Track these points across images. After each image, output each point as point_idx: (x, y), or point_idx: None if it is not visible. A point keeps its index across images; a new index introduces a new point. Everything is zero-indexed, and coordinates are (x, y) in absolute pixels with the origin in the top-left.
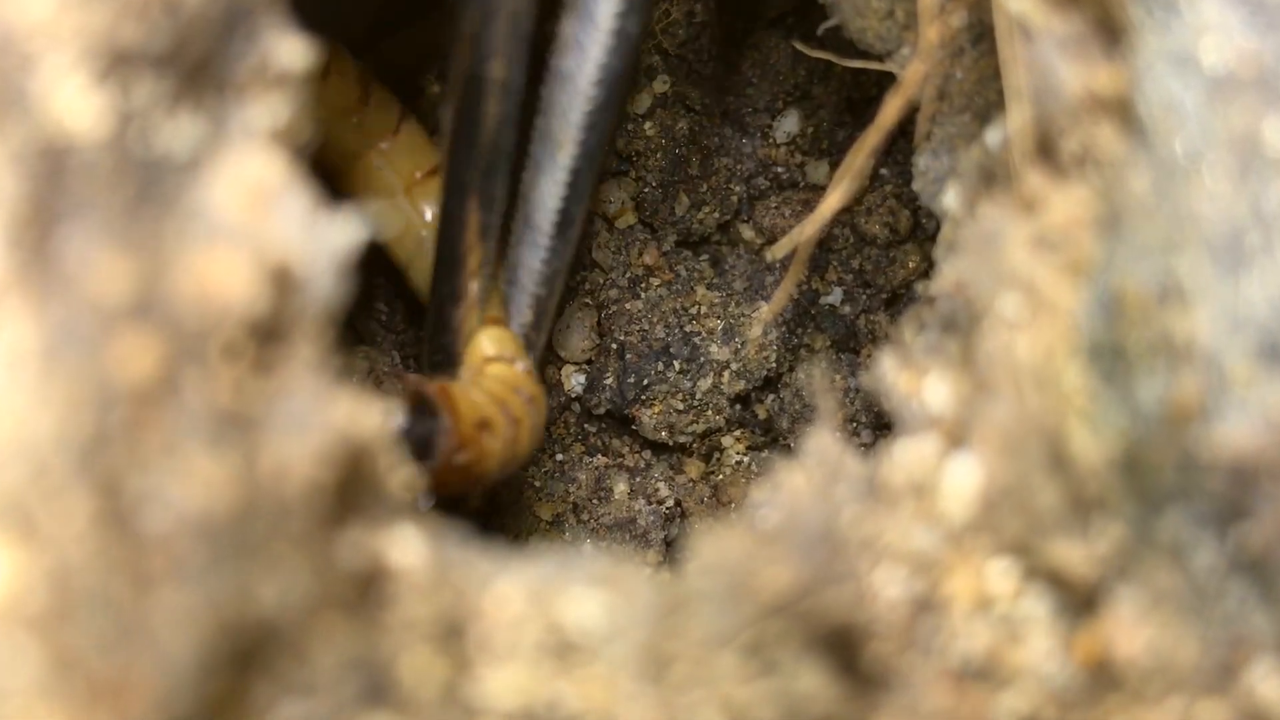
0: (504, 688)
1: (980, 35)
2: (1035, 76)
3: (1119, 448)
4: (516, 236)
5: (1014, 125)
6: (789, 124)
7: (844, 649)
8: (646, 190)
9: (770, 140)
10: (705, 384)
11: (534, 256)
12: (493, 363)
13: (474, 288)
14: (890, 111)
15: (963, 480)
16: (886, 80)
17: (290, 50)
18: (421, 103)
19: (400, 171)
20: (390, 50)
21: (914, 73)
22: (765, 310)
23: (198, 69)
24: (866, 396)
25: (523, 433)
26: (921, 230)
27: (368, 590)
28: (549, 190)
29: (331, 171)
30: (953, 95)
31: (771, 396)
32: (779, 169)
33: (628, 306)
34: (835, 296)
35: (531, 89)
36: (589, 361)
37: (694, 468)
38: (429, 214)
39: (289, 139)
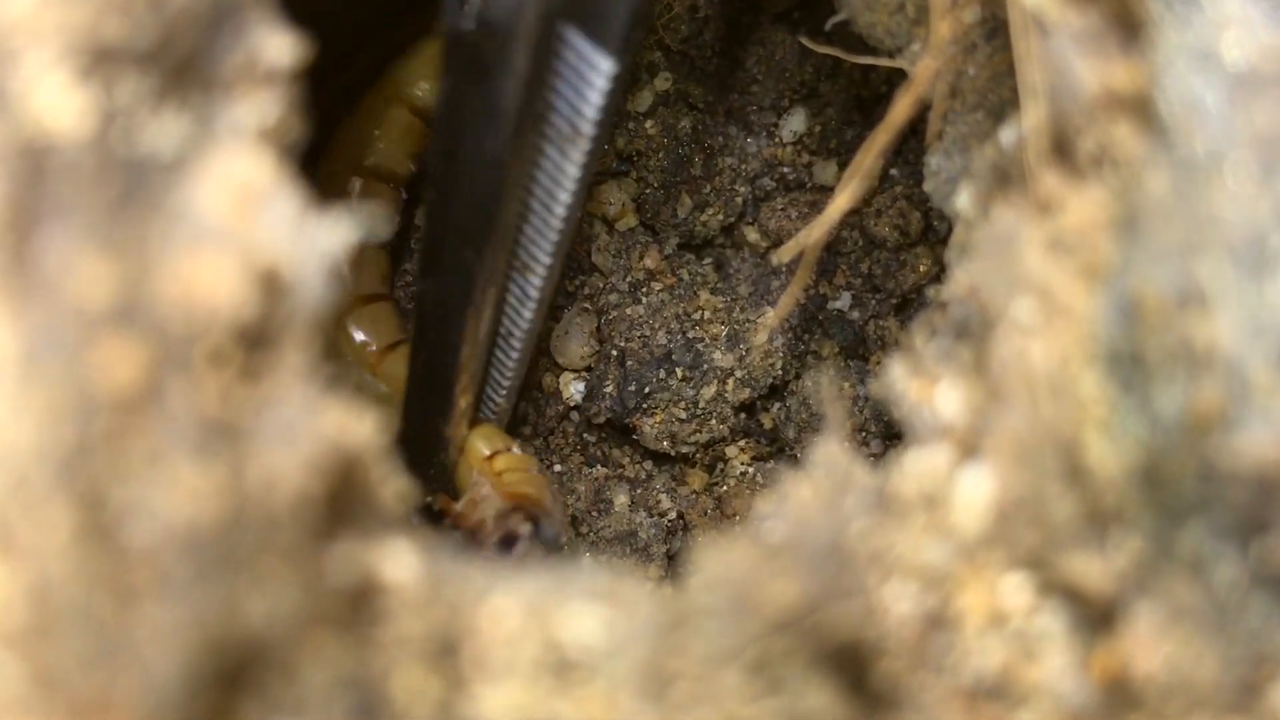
0: (500, 707)
1: (994, 30)
2: (1051, 73)
3: (1137, 458)
4: (488, 344)
5: (1029, 124)
6: (795, 122)
7: (852, 667)
8: (648, 191)
9: (776, 139)
10: (709, 392)
11: (506, 358)
12: (495, 458)
13: (463, 403)
14: (900, 109)
15: (975, 492)
16: (897, 77)
17: (279, 47)
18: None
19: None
20: (376, 50)
21: (925, 69)
22: (771, 316)
23: (183, 66)
24: (876, 405)
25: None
26: (933, 233)
27: (359, 606)
28: (521, 307)
29: None
30: (965, 93)
31: (777, 405)
32: (785, 169)
33: (628, 312)
34: (843, 301)
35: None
36: (588, 369)
37: (697, 479)
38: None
39: (277, 138)
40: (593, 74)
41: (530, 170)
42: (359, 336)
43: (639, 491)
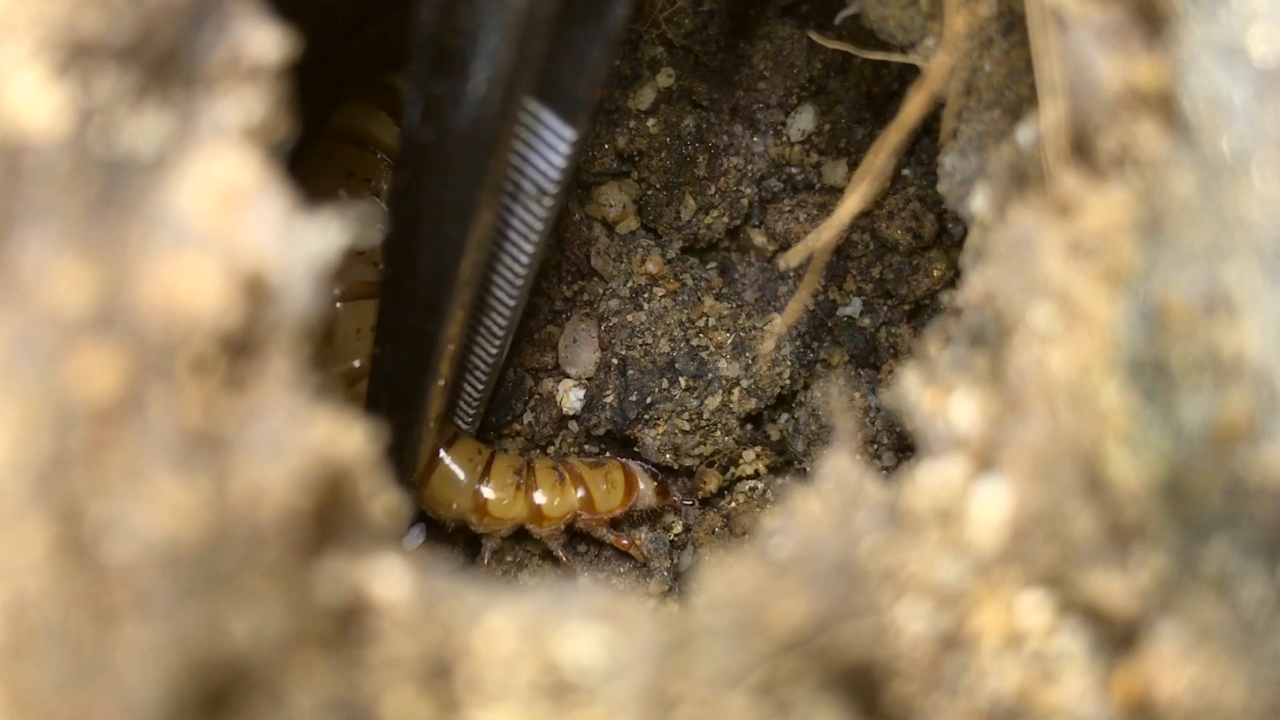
0: None
1: (1011, 25)
2: (1070, 69)
3: (1161, 471)
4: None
5: (1047, 122)
6: (804, 121)
7: (863, 689)
8: (649, 193)
9: (783, 138)
10: (713, 403)
11: (473, 388)
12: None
13: (422, 461)
14: (913, 107)
15: (992, 506)
16: (909, 73)
17: (264, 41)
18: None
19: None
20: (366, 43)
21: (939, 65)
22: (778, 323)
23: (164, 61)
24: (888, 416)
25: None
26: (947, 236)
27: (348, 626)
28: (487, 342)
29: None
30: (981, 90)
31: (785, 416)
32: (793, 169)
33: (629, 319)
34: (854, 308)
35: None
36: (588, 378)
37: (702, 491)
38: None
39: (263, 137)
40: (557, 141)
41: (498, 225)
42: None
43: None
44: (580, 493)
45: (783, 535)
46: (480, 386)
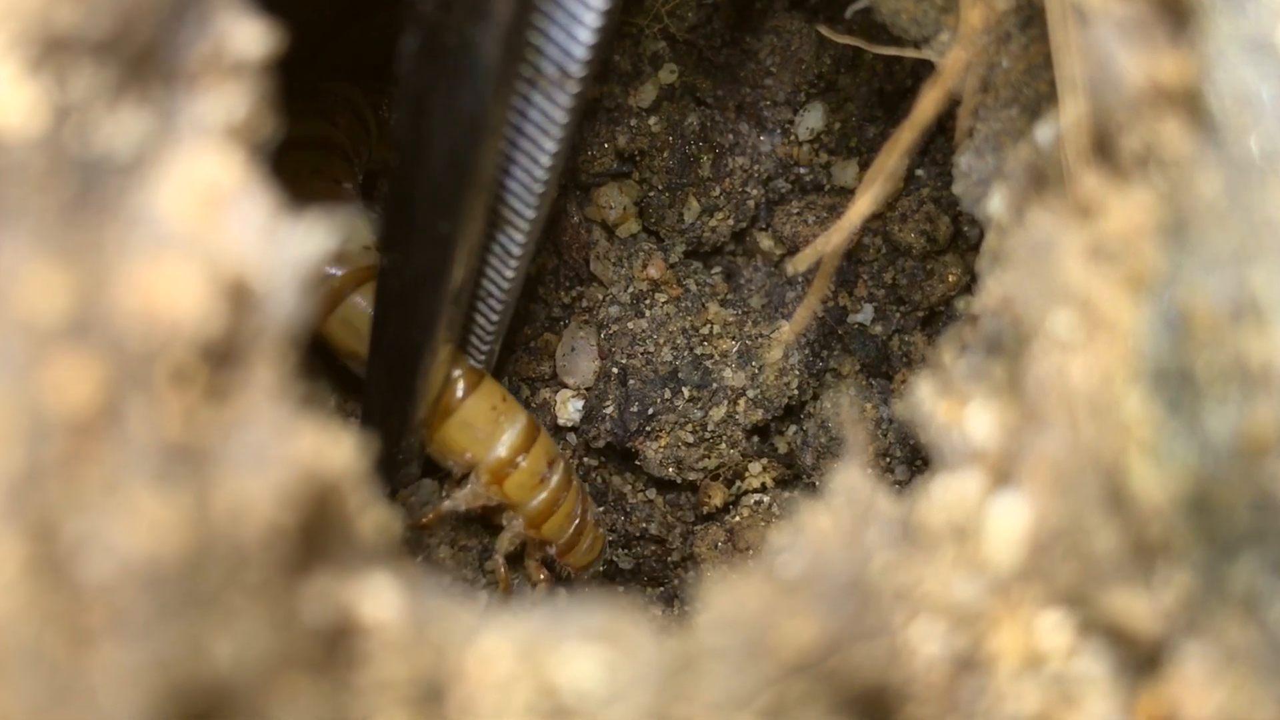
0: None
1: (1029, 18)
2: (1092, 65)
3: (1186, 485)
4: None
5: (1067, 120)
6: (813, 119)
7: (876, 713)
8: (651, 194)
9: (791, 137)
10: (718, 414)
11: (487, 319)
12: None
13: (433, 383)
14: (927, 105)
15: (1009, 522)
16: (923, 69)
17: (247, 36)
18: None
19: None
20: (355, 38)
21: (954, 61)
22: (786, 330)
23: (143, 57)
24: (900, 428)
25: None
26: (963, 239)
27: (336, 647)
28: (503, 265)
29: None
30: (998, 86)
31: (793, 428)
32: (801, 170)
33: (630, 326)
34: (865, 314)
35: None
36: (586, 388)
37: (706, 506)
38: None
39: (246, 136)
40: (582, 10)
41: (513, 120)
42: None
43: None
44: (572, 526)
45: (791, 552)
46: (495, 317)
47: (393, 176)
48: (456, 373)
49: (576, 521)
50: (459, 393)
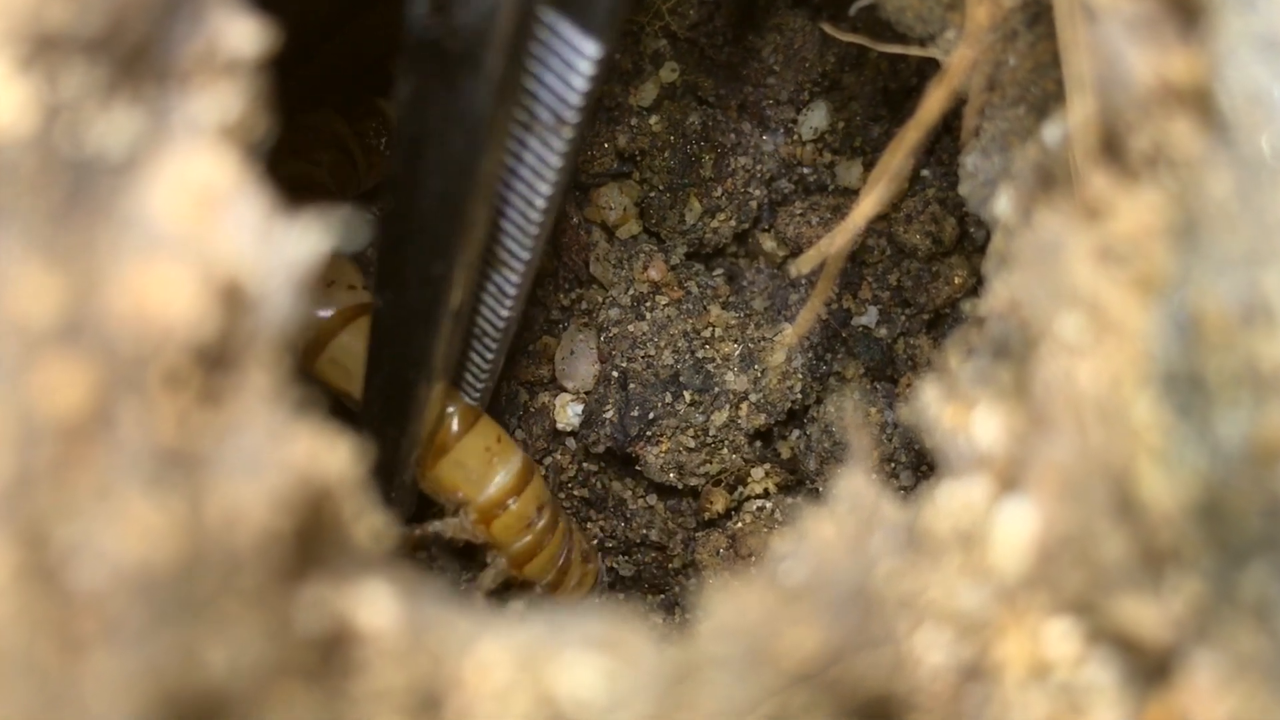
0: None
1: (1037, 16)
2: (1100, 63)
3: (1196, 491)
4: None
5: (1075, 119)
6: (816, 118)
7: None
8: (652, 195)
9: (795, 137)
10: (720, 418)
11: (482, 358)
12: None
13: (426, 423)
14: (933, 104)
15: (1016, 529)
16: (928, 68)
17: (242, 34)
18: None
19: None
20: (352, 35)
21: (960, 59)
22: (789, 333)
23: (136, 55)
24: (905, 432)
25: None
26: (969, 241)
27: (331, 655)
28: (498, 305)
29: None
30: (1005, 85)
31: (796, 432)
32: (805, 170)
33: (631, 329)
34: (870, 317)
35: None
36: (586, 392)
37: (708, 512)
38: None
39: (240, 136)
40: (577, 59)
41: (508, 163)
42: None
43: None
44: (555, 568)
45: (794, 559)
46: (490, 356)
47: (386, 217)
48: (451, 410)
49: (560, 562)
50: (454, 430)
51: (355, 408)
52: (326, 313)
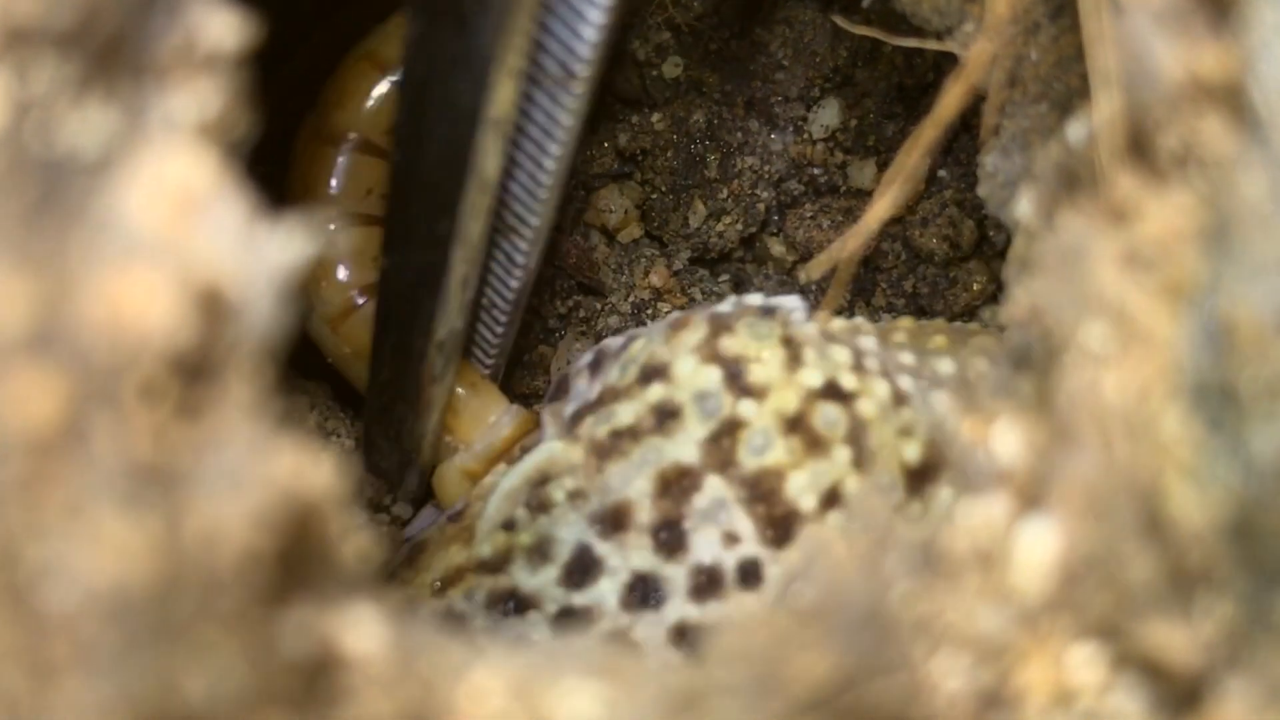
0: None
1: (1060, 8)
2: (1127, 58)
3: (1228, 509)
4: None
5: (1101, 117)
6: (827, 116)
7: None
8: (654, 197)
9: (805, 136)
10: None
11: (490, 331)
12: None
13: (437, 392)
14: (950, 101)
15: (1039, 548)
16: (946, 63)
17: (221, 28)
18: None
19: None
20: (336, 31)
21: (979, 53)
22: None
23: (110, 49)
24: None
25: None
26: (988, 245)
27: (316, 682)
28: (507, 275)
29: None
30: (1026, 81)
31: None
32: (815, 170)
33: None
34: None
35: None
36: None
37: None
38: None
39: (220, 134)
40: (587, 7)
41: (516, 120)
42: (341, 274)
43: None
44: None
45: (804, 580)
46: (500, 329)
47: (392, 172)
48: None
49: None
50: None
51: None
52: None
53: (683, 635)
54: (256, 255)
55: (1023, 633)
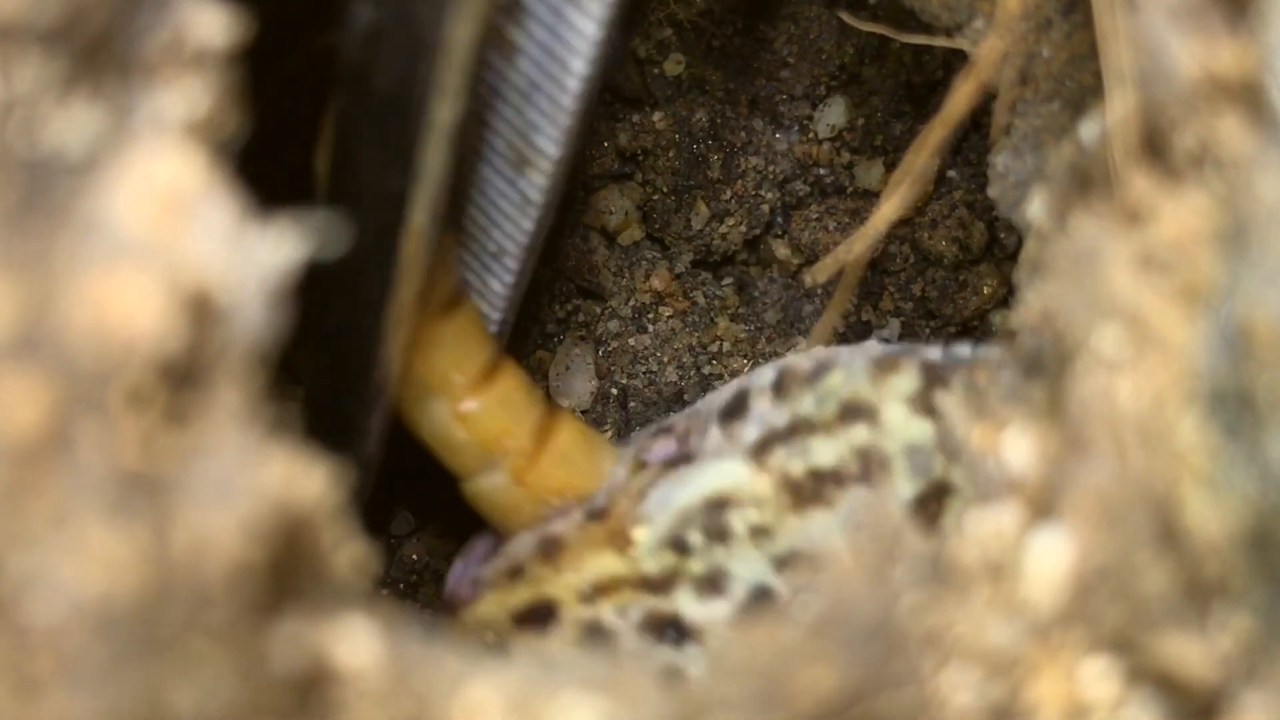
0: None
1: (1072, 3)
2: (1142, 55)
3: (1245, 519)
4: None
5: (1115, 116)
6: (834, 115)
7: None
8: (656, 198)
9: (810, 135)
10: None
11: (499, 280)
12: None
13: (388, 385)
14: (960, 99)
15: (1050, 559)
16: (955, 60)
17: (211, 24)
18: None
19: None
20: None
21: (990, 50)
22: (803, 347)
23: (96, 47)
24: None
25: None
26: (999, 247)
27: (308, 696)
28: (520, 215)
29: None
30: (1038, 78)
31: None
32: (821, 171)
33: (631, 342)
34: (891, 330)
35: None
36: (583, 410)
37: None
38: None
39: (209, 133)
40: None
41: (537, 36)
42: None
43: None
44: None
45: (810, 592)
46: (510, 279)
47: (337, 118)
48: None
49: None
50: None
51: None
52: None
53: None
54: (247, 257)
55: (1034, 646)
